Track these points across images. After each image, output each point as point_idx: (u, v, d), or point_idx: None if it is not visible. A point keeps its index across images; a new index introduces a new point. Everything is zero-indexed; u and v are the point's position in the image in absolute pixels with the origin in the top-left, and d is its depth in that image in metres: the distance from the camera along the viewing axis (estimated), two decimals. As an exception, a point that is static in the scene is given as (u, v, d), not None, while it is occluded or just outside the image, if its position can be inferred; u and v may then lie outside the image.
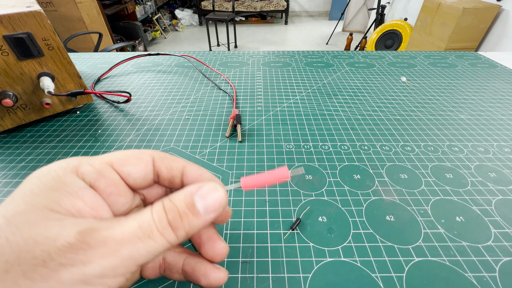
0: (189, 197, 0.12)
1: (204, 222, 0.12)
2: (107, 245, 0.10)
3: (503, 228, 0.21)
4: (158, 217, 0.11)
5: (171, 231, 0.11)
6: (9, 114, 0.31)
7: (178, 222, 0.11)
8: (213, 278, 0.14)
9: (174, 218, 0.11)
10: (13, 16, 0.27)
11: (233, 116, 0.34)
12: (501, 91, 0.43)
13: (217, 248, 0.14)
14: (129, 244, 0.10)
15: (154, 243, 0.11)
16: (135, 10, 2.61)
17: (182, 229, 0.11)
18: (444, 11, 1.44)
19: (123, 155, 0.14)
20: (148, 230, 0.11)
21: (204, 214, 0.12)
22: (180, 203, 0.12)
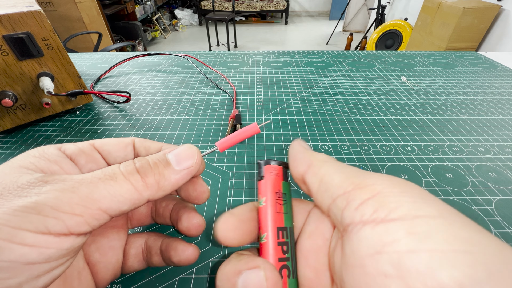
0: (162, 155, 0.12)
1: (177, 176, 0.12)
2: (65, 182, 0.10)
3: (504, 229, 0.21)
4: (124, 165, 0.11)
5: (139, 177, 0.11)
6: (9, 114, 0.31)
7: (147, 169, 0.11)
8: (183, 253, 0.14)
9: (143, 165, 0.11)
10: (13, 16, 0.27)
11: (233, 116, 0.34)
12: (502, 91, 0.43)
13: (193, 219, 0.15)
14: (88, 183, 0.10)
15: (118, 185, 0.10)
16: (134, 10, 2.61)
17: (152, 177, 0.11)
18: (444, 11, 1.44)
19: (105, 138, 0.14)
20: (111, 173, 0.11)
21: (176, 166, 0.12)
22: (152, 157, 0.12)
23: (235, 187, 0.25)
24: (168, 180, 0.11)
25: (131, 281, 0.18)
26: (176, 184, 0.12)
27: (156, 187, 0.11)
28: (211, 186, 0.25)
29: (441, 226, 0.08)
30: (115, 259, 0.14)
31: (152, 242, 0.15)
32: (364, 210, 0.09)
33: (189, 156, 0.12)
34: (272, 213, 0.12)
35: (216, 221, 0.11)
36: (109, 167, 0.11)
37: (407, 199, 0.08)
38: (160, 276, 0.18)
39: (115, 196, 0.10)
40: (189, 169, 0.12)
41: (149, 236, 0.16)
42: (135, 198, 0.11)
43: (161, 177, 0.11)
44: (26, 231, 0.08)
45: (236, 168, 0.27)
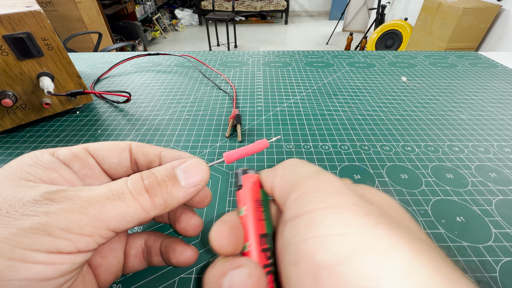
0: (170, 169, 0.12)
1: (184, 194, 0.12)
2: (73, 201, 0.10)
3: (504, 228, 0.21)
4: (132, 182, 0.11)
5: (147, 196, 0.11)
6: (9, 114, 0.31)
7: (155, 188, 0.11)
8: (181, 255, 0.14)
9: (152, 184, 0.11)
10: (13, 16, 0.27)
11: (233, 116, 0.34)
12: (502, 91, 0.43)
13: (191, 220, 0.14)
14: (97, 203, 0.10)
15: (126, 206, 0.10)
16: (134, 10, 2.61)
17: (160, 197, 0.11)
18: (444, 11, 1.44)
19: (100, 142, 0.14)
20: (119, 193, 0.10)
21: (185, 185, 0.12)
22: (160, 173, 0.12)
23: (235, 187, 0.25)
24: (175, 199, 0.11)
25: (131, 281, 0.18)
26: (183, 201, 0.12)
27: (163, 206, 0.11)
28: (211, 186, 0.25)
29: (331, 214, 0.09)
30: (116, 261, 0.14)
31: (151, 242, 0.15)
32: (289, 208, 0.10)
33: (198, 172, 0.12)
34: (253, 221, 0.12)
35: (210, 230, 0.11)
36: (117, 183, 0.11)
37: (321, 194, 0.10)
38: (160, 276, 0.18)
39: (123, 217, 0.10)
40: (197, 186, 0.12)
41: (148, 236, 0.16)
42: (142, 217, 0.11)
43: (169, 196, 0.11)
44: (38, 252, 0.08)
45: (236, 168, 0.27)
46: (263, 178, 0.13)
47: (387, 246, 0.07)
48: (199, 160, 0.12)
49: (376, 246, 0.07)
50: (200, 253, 0.19)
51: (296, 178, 0.11)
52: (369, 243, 0.08)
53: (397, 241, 0.08)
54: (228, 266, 0.10)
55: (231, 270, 0.10)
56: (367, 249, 0.07)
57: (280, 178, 0.12)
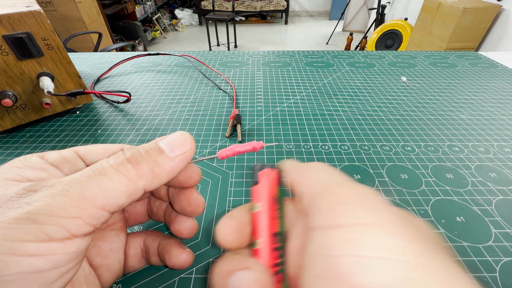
0: (153, 143, 0.12)
1: (172, 163, 0.11)
2: (54, 187, 0.09)
3: (504, 228, 0.21)
4: (114, 157, 0.11)
5: (130, 166, 0.10)
6: (9, 114, 0.31)
7: (138, 157, 0.11)
8: (176, 258, 0.14)
9: (134, 154, 0.11)
10: (13, 16, 0.27)
11: (233, 116, 0.34)
12: (502, 91, 0.43)
13: (185, 222, 0.14)
14: (78, 183, 0.10)
15: (108, 179, 0.10)
16: (134, 10, 2.61)
17: (145, 164, 0.11)
18: (444, 11, 1.44)
19: (91, 145, 0.13)
20: (99, 169, 0.10)
21: (169, 153, 0.11)
22: (143, 146, 0.12)
23: (235, 187, 0.25)
24: (162, 167, 0.11)
25: (131, 281, 0.18)
26: (172, 171, 0.12)
27: (151, 175, 0.11)
28: (211, 186, 0.25)
29: (375, 234, 0.08)
30: (117, 261, 0.14)
31: (150, 242, 0.15)
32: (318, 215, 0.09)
33: (182, 142, 0.12)
34: (268, 218, 0.12)
35: (215, 224, 0.11)
36: (97, 162, 0.11)
37: (359, 207, 0.09)
38: (160, 276, 0.18)
39: (108, 191, 0.10)
40: (183, 154, 0.12)
41: (147, 235, 0.16)
42: (131, 190, 0.10)
43: (155, 164, 0.11)
44: (27, 242, 0.08)
45: (236, 168, 0.27)
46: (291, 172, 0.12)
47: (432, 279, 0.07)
48: (182, 132, 0.13)
49: (422, 279, 0.07)
50: (200, 253, 0.19)
51: (327, 183, 0.11)
52: (415, 275, 0.07)
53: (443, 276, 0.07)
54: (236, 265, 0.10)
55: (238, 271, 0.10)
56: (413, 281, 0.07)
57: (309, 178, 0.11)
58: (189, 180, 0.14)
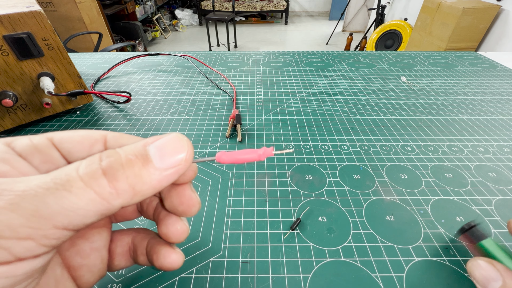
0: (141, 147, 0.09)
1: (160, 177, 0.09)
2: (2, 197, 0.07)
3: (503, 228, 0.21)
4: (86, 165, 0.08)
5: (105, 181, 0.08)
6: (9, 114, 0.31)
7: (117, 170, 0.08)
8: (164, 259, 0.12)
9: (111, 165, 0.09)
10: (13, 16, 0.27)
11: (233, 116, 0.34)
12: (501, 91, 0.43)
13: (174, 225, 0.12)
14: (33, 197, 0.08)
15: (74, 196, 0.08)
16: (135, 10, 2.61)
17: (124, 181, 0.08)
18: (444, 11, 1.44)
19: (69, 131, 0.11)
20: (64, 181, 0.08)
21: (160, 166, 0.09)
22: (127, 151, 0.09)
23: (235, 187, 0.25)
24: (148, 184, 0.09)
25: (131, 281, 0.18)
26: (159, 187, 0.09)
27: (131, 193, 0.09)
28: (211, 186, 0.25)
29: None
30: (99, 260, 0.13)
31: (138, 241, 0.14)
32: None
33: (177, 150, 0.10)
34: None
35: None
36: (63, 169, 0.08)
37: None
38: (160, 276, 0.18)
39: (72, 211, 0.08)
40: (176, 168, 0.09)
41: (136, 233, 0.14)
42: (103, 209, 0.08)
43: (138, 180, 0.09)
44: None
45: (236, 168, 0.27)
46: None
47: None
48: (179, 135, 0.10)
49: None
50: (200, 253, 0.19)
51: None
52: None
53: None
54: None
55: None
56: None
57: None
58: (183, 177, 0.12)
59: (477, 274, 0.13)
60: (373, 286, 0.18)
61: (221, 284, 0.18)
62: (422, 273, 0.18)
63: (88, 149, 0.11)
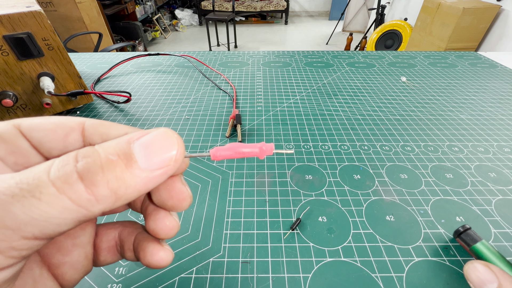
0: (124, 144, 0.08)
1: (145, 180, 0.08)
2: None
3: (503, 228, 0.21)
4: (57, 168, 0.07)
5: (82, 186, 0.07)
6: (9, 114, 0.31)
7: (95, 173, 0.07)
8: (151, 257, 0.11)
9: (89, 167, 0.07)
10: (13, 16, 0.27)
11: (233, 116, 0.34)
12: (501, 91, 0.43)
13: (163, 220, 0.11)
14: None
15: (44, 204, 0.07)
16: (135, 10, 2.61)
17: (104, 185, 0.07)
18: (444, 11, 1.44)
19: (40, 118, 0.10)
20: (32, 186, 0.07)
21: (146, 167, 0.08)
22: (108, 149, 0.08)
23: (235, 187, 0.25)
24: (131, 188, 0.08)
25: (131, 281, 0.18)
26: (145, 189, 0.08)
27: (113, 199, 0.08)
28: (211, 186, 0.25)
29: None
30: (83, 257, 0.12)
31: (125, 236, 0.12)
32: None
33: (166, 147, 0.08)
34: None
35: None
36: (32, 170, 0.07)
37: None
38: (160, 276, 0.18)
39: (43, 220, 0.07)
40: (164, 168, 0.08)
41: (123, 227, 0.13)
42: (80, 217, 0.07)
43: (121, 183, 0.08)
44: None
45: (236, 168, 0.27)
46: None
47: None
48: (167, 131, 0.09)
49: None
50: (200, 253, 0.19)
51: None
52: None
53: None
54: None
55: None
56: None
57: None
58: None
59: (473, 277, 0.13)
60: (373, 286, 0.18)
61: (221, 284, 0.18)
62: (422, 273, 0.18)
63: (63, 138, 0.10)
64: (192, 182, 0.25)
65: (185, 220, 0.22)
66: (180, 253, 0.19)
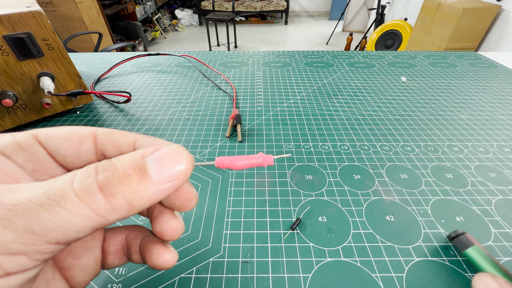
0: (139, 158, 0.09)
1: (157, 192, 0.09)
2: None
3: (503, 228, 0.21)
4: (81, 179, 0.08)
5: (101, 197, 0.08)
6: (9, 114, 0.31)
7: (114, 186, 0.08)
8: (157, 258, 0.12)
9: (108, 180, 0.08)
10: (13, 16, 0.27)
11: (233, 116, 0.34)
12: (501, 91, 0.43)
13: (168, 222, 0.12)
14: (25, 213, 0.07)
15: (68, 213, 0.08)
16: (135, 10, 2.61)
17: (121, 197, 0.08)
18: (444, 11, 1.44)
19: (55, 128, 0.11)
20: (58, 196, 0.08)
21: (158, 180, 0.09)
22: (124, 163, 0.09)
23: (235, 187, 0.25)
24: (144, 199, 0.09)
25: (131, 281, 0.18)
26: (156, 200, 0.09)
27: (127, 209, 0.09)
28: (211, 186, 0.25)
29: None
30: (92, 260, 0.12)
31: (132, 239, 0.13)
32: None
33: (177, 162, 0.09)
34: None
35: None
36: (58, 181, 0.08)
37: None
38: (160, 276, 0.18)
39: (66, 227, 0.08)
40: (174, 182, 0.09)
41: (130, 231, 0.14)
42: (98, 224, 0.08)
43: (135, 195, 0.09)
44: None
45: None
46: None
47: None
48: (178, 147, 0.10)
49: None
50: (200, 253, 0.19)
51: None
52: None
53: None
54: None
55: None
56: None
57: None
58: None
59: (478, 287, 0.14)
60: (373, 286, 0.18)
61: (221, 284, 0.18)
62: (422, 273, 0.18)
63: (77, 146, 0.11)
64: (192, 182, 0.25)
65: (185, 220, 0.22)
66: (180, 253, 0.19)
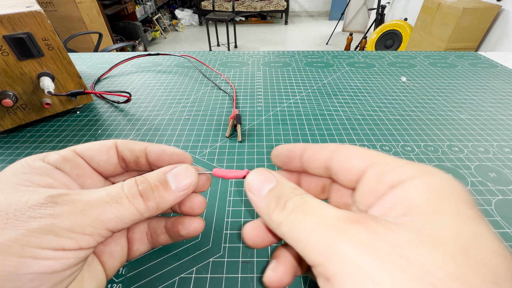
0: (162, 175, 0.13)
1: (175, 198, 0.13)
2: (75, 204, 0.11)
3: (503, 228, 0.21)
4: (128, 187, 0.12)
5: (142, 201, 0.12)
6: (9, 114, 0.31)
7: (149, 193, 0.12)
8: (190, 225, 0.15)
9: (145, 189, 0.12)
10: (13, 16, 0.27)
11: (233, 116, 0.34)
12: (501, 91, 0.43)
13: (194, 198, 0.15)
14: (97, 206, 0.11)
15: (123, 209, 0.11)
16: (135, 10, 2.61)
17: (153, 201, 0.12)
18: (444, 11, 1.44)
19: (87, 144, 0.15)
20: (116, 197, 0.11)
21: (175, 190, 0.13)
22: (153, 178, 0.13)
23: (235, 187, 0.25)
24: (167, 202, 0.13)
25: (131, 280, 0.18)
26: (173, 203, 0.13)
27: (156, 209, 0.12)
28: (211, 186, 0.25)
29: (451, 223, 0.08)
30: (119, 247, 0.15)
31: (155, 224, 0.16)
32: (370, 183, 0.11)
33: (187, 177, 0.13)
34: None
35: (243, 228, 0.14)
36: (114, 188, 0.12)
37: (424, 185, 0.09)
38: (160, 276, 0.18)
39: (120, 218, 0.11)
40: (186, 190, 0.13)
41: (150, 219, 0.16)
42: (137, 219, 0.12)
43: (161, 200, 0.12)
44: (46, 250, 0.10)
45: (236, 168, 0.27)
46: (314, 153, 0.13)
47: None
48: (188, 166, 0.14)
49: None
50: (200, 253, 0.19)
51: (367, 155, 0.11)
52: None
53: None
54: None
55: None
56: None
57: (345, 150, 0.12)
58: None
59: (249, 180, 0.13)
60: (373, 286, 0.18)
61: (221, 284, 0.18)
62: (422, 273, 0.18)
63: (106, 153, 0.15)
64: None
65: (185, 220, 0.22)
66: (180, 253, 0.19)
